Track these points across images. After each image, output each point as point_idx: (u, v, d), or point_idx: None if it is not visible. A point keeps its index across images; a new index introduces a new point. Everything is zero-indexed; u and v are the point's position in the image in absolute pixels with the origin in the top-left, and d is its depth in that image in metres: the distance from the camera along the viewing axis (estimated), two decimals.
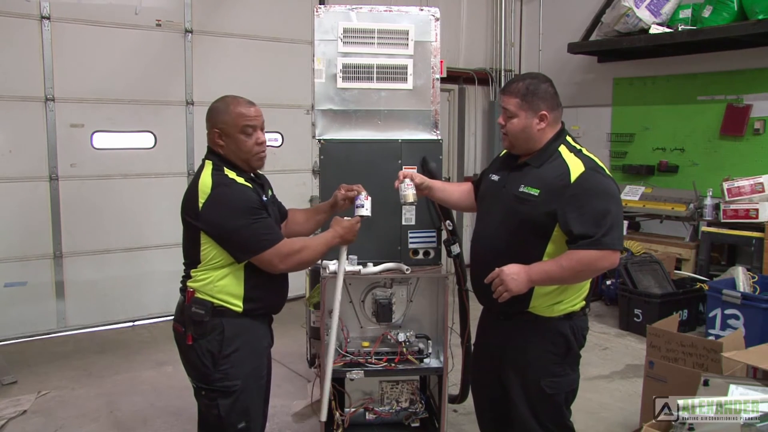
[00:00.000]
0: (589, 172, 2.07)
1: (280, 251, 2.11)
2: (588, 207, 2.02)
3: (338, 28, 2.74)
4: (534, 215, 2.09)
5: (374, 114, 2.81)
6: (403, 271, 2.70)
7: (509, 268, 2.04)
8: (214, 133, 2.19)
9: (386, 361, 2.73)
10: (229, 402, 2.16)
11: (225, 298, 2.15)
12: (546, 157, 2.15)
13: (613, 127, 6.55)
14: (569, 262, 2.01)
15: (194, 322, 2.13)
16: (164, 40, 5.00)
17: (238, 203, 2.08)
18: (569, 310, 2.19)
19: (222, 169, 2.14)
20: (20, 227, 4.57)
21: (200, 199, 2.08)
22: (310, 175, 5.80)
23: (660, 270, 5.08)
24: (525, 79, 2.18)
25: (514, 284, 2.02)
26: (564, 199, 2.04)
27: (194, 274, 2.17)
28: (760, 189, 4.77)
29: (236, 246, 2.09)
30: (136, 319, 5.06)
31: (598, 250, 1.99)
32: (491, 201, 2.29)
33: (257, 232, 2.08)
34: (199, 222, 2.08)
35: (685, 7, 5.59)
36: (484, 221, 2.32)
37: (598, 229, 1.99)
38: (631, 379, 4.00)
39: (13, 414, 3.43)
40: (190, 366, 2.21)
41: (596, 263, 2.01)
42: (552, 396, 2.20)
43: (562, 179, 2.07)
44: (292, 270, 2.20)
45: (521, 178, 2.17)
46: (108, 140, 4.86)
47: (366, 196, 2.44)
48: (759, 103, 5.43)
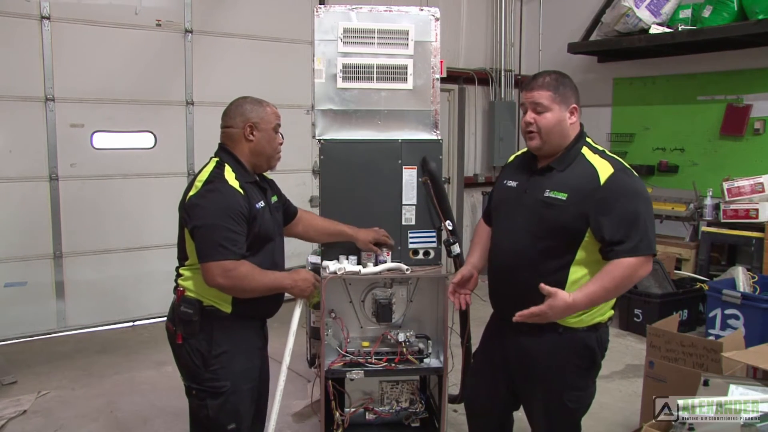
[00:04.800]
0: (619, 173, 1.99)
1: (225, 267, 2.03)
2: (619, 210, 1.94)
3: (338, 28, 2.74)
4: (563, 220, 1.99)
5: (374, 114, 2.81)
6: (403, 271, 2.70)
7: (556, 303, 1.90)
8: (247, 127, 2.20)
9: (386, 361, 2.73)
10: (218, 403, 2.15)
11: (213, 299, 2.15)
12: (570, 160, 2.05)
13: (613, 127, 6.55)
14: (611, 281, 1.92)
15: (183, 321, 2.14)
16: (164, 40, 5.00)
17: (218, 204, 2.07)
18: (597, 321, 2.08)
19: (223, 168, 2.15)
20: (20, 227, 4.57)
21: (191, 191, 2.11)
22: (310, 175, 5.80)
23: (660, 270, 5.07)
24: (550, 74, 2.09)
25: (553, 318, 1.94)
26: (594, 202, 1.96)
27: (183, 272, 2.19)
28: (760, 189, 4.77)
29: (197, 244, 2.08)
30: (136, 319, 5.06)
31: (636, 258, 1.92)
32: (510, 208, 2.17)
33: (219, 237, 2.04)
34: (183, 212, 2.12)
35: (685, 7, 5.59)
36: (503, 230, 2.20)
37: (633, 234, 1.92)
38: (631, 379, 4.00)
39: (13, 414, 3.43)
40: (181, 364, 2.22)
41: (636, 273, 1.94)
42: (573, 410, 2.12)
43: (591, 182, 1.98)
44: (228, 291, 2.11)
45: (545, 182, 2.06)
46: (108, 140, 4.86)
47: (388, 252, 2.58)
48: (759, 103, 5.43)
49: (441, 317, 2.83)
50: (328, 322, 2.75)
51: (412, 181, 2.78)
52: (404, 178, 2.77)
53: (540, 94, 2.05)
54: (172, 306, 2.22)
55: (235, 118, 2.22)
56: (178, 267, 2.24)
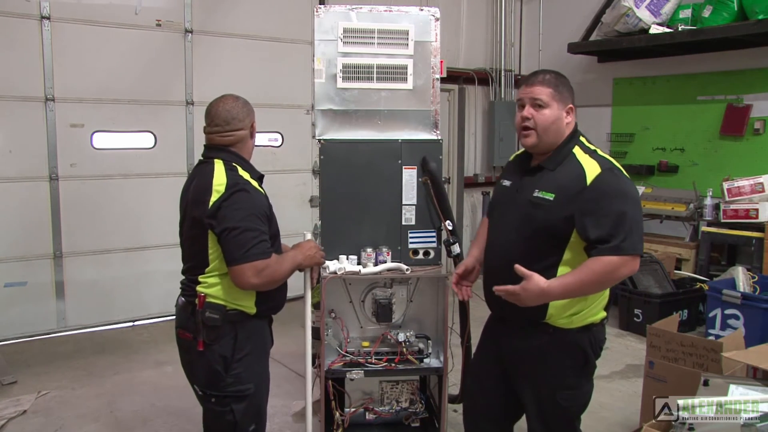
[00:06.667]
0: (606, 173, 1.98)
1: (258, 267, 2.04)
2: (605, 210, 1.93)
3: (338, 28, 2.74)
4: (550, 221, 2.00)
5: (374, 114, 2.82)
6: (403, 271, 2.70)
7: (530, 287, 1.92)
8: (252, 127, 2.26)
9: (386, 361, 2.74)
10: (243, 406, 2.15)
11: (239, 302, 2.13)
12: (561, 159, 2.06)
13: (613, 127, 6.56)
14: (589, 274, 1.92)
15: (208, 327, 2.10)
16: (164, 40, 5.00)
17: (247, 205, 2.07)
18: (588, 321, 2.08)
19: (236, 169, 2.14)
20: (20, 227, 4.57)
21: (213, 196, 2.06)
22: (310, 175, 5.80)
23: (660, 270, 5.08)
24: (550, 72, 2.10)
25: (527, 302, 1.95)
26: (580, 203, 1.96)
27: (203, 279, 2.13)
28: (760, 189, 4.77)
29: (227, 246, 2.05)
30: (136, 319, 5.05)
31: (619, 257, 1.91)
32: (505, 208, 2.20)
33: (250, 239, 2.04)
34: (210, 218, 2.05)
35: (685, 7, 5.59)
36: (497, 229, 2.22)
37: (617, 233, 1.91)
38: (631, 379, 4.00)
39: (13, 414, 3.43)
40: (200, 373, 2.17)
41: (617, 271, 1.92)
42: (566, 409, 2.13)
43: (577, 182, 1.98)
44: (260, 288, 2.12)
45: (535, 182, 2.07)
46: (108, 140, 4.86)
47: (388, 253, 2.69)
48: (759, 103, 5.43)
49: (441, 317, 2.84)
50: (328, 322, 2.75)
51: (412, 181, 2.78)
52: (404, 178, 2.77)
53: (541, 89, 2.05)
54: (188, 314, 2.16)
55: (244, 120, 2.23)
56: (190, 275, 2.18)
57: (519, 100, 2.13)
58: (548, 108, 2.05)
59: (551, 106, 2.05)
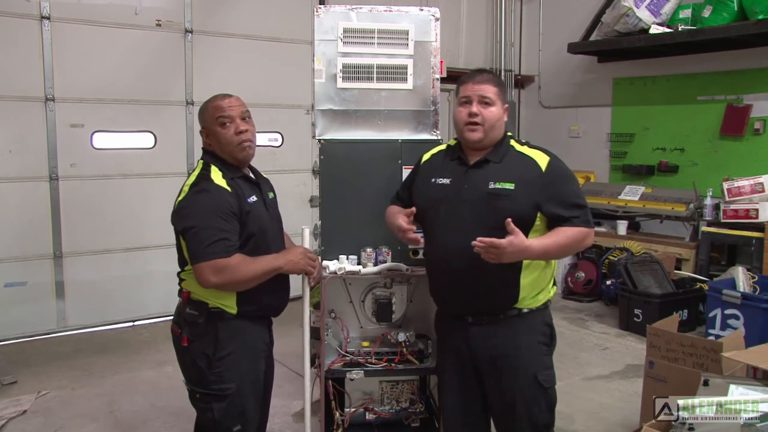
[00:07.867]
0: (555, 160, 2.17)
1: (216, 266, 2.00)
2: (567, 190, 2.14)
3: (338, 28, 2.74)
4: (515, 208, 2.07)
5: (374, 114, 2.81)
6: (403, 271, 2.70)
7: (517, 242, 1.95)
8: (202, 133, 2.25)
9: (386, 361, 2.73)
10: (223, 405, 2.14)
11: (219, 301, 2.14)
12: (504, 152, 2.19)
13: (613, 127, 6.56)
14: (565, 239, 2.08)
15: (189, 323, 2.13)
16: (164, 40, 5.01)
17: (205, 204, 2.06)
18: (547, 299, 2.23)
19: (209, 170, 2.15)
20: (20, 227, 4.57)
21: (179, 197, 2.12)
22: (310, 175, 5.80)
23: (660, 270, 5.08)
24: (490, 72, 2.29)
25: (507, 257, 1.97)
26: (541, 188, 2.10)
27: (185, 276, 2.18)
28: (760, 189, 4.77)
29: (188, 246, 2.06)
30: (136, 319, 5.06)
31: (587, 228, 2.13)
32: (451, 206, 2.17)
33: (207, 237, 2.02)
34: (173, 217, 2.13)
35: (685, 7, 5.60)
36: (447, 228, 2.18)
37: (581, 210, 2.12)
38: (631, 379, 4.00)
39: (13, 414, 3.43)
40: (185, 368, 2.21)
41: (585, 239, 2.14)
42: (547, 390, 2.17)
43: (533, 170, 2.13)
44: (224, 288, 2.09)
45: (486, 175, 2.14)
46: (108, 140, 4.86)
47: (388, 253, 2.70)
48: (759, 103, 5.43)
49: None
50: (328, 322, 2.75)
51: None
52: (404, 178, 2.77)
53: (488, 87, 2.17)
54: (178, 309, 2.22)
55: (201, 122, 2.26)
56: (178, 271, 2.23)
57: (465, 97, 2.19)
58: (494, 105, 2.17)
59: (496, 104, 2.17)
